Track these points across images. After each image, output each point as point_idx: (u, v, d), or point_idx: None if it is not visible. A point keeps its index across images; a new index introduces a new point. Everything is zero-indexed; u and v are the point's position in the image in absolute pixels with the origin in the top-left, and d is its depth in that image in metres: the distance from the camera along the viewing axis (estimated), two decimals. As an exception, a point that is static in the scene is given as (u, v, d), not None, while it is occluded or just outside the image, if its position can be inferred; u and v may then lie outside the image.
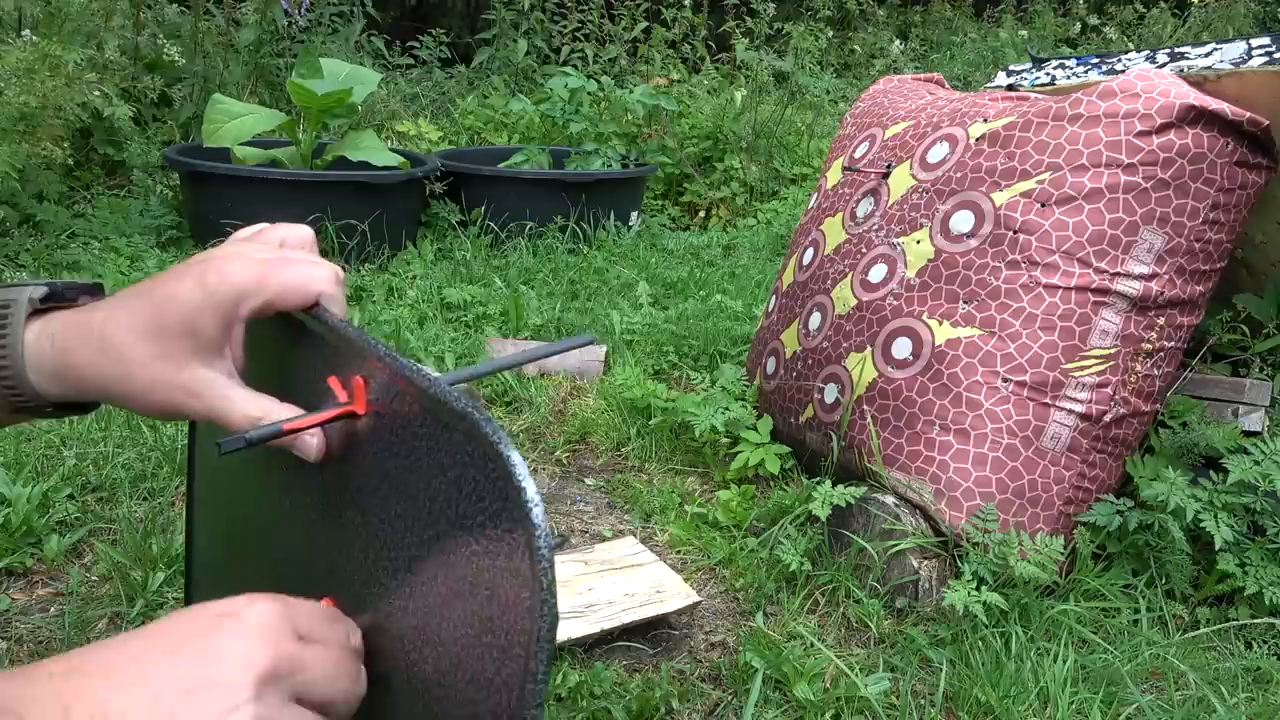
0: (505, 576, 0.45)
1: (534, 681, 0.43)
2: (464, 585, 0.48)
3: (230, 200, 2.89)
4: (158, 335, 0.58)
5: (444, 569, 0.49)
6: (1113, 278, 1.39)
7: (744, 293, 2.77)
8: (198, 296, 0.58)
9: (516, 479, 0.43)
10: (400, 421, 0.52)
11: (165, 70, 3.72)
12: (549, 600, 0.42)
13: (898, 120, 1.76)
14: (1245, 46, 1.52)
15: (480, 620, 0.46)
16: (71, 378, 0.60)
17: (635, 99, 3.77)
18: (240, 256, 0.61)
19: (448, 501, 0.48)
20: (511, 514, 0.44)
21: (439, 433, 0.49)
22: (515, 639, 0.44)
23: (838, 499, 1.43)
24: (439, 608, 0.50)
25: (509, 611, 0.44)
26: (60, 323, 0.60)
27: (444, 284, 2.71)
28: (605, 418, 1.95)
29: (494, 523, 0.45)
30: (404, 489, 0.52)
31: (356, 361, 0.57)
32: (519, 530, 0.43)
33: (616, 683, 1.20)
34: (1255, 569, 1.35)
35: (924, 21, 7.13)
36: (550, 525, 0.43)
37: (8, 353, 0.59)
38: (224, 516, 0.80)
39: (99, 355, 0.59)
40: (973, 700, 1.19)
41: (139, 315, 0.58)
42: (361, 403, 0.56)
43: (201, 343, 0.59)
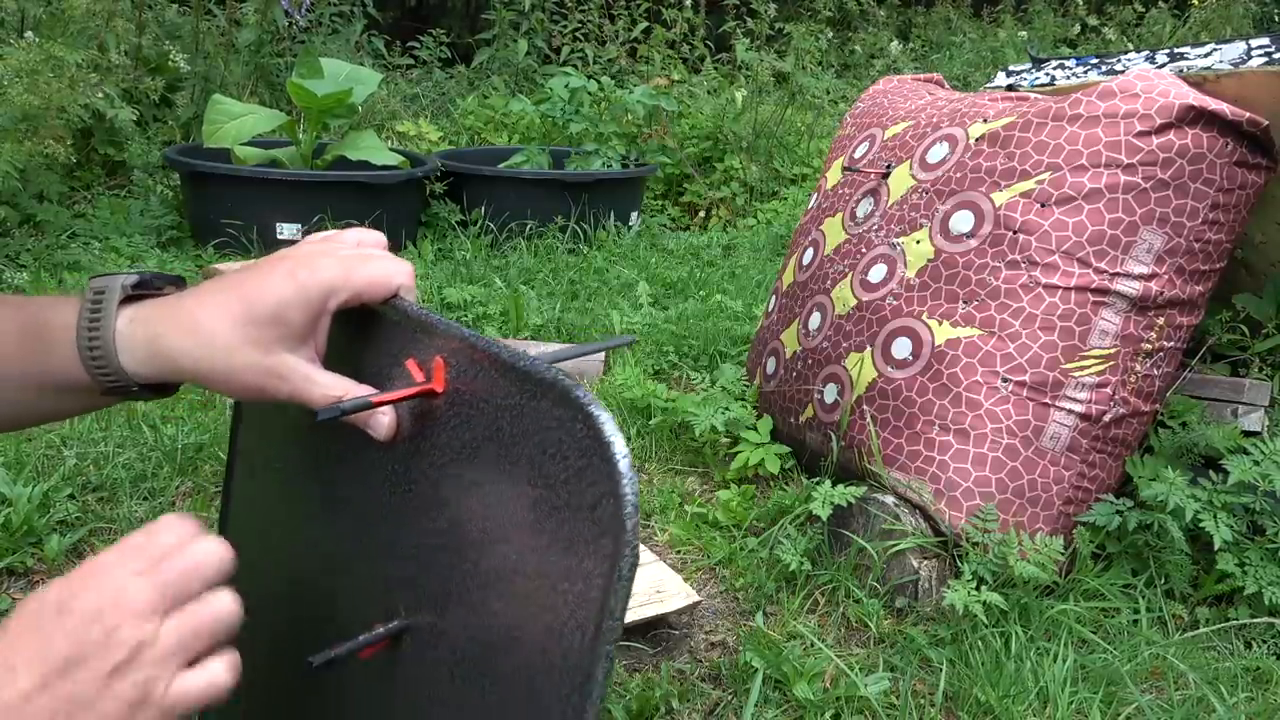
0: (586, 526, 0.48)
1: (611, 618, 0.46)
2: (542, 539, 0.51)
3: (230, 200, 2.89)
4: (249, 323, 0.62)
5: (522, 526, 0.53)
6: (1112, 278, 1.39)
7: (744, 293, 2.78)
8: (289, 289, 0.63)
9: (606, 435, 0.47)
10: (481, 396, 0.56)
11: (166, 71, 3.72)
12: (631, 543, 0.46)
13: (897, 120, 1.76)
14: (1245, 47, 1.52)
15: (558, 570, 0.50)
16: (163, 361, 0.64)
17: (635, 99, 3.77)
18: (327, 254, 0.65)
19: (530, 464, 0.52)
20: (599, 468, 0.48)
21: (525, 402, 0.53)
22: (592, 583, 0.47)
23: (838, 499, 1.43)
24: (515, 563, 0.53)
25: (588, 559, 0.48)
26: (151, 309, 0.65)
27: (444, 284, 2.71)
28: (605, 418, 1.95)
29: (579, 478, 0.49)
30: (482, 457, 0.56)
31: (436, 344, 0.61)
32: (605, 481, 0.47)
33: (616, 682, 1.20)
34: (1255, 569, 1.35)
35: (924, 22, 7.13)
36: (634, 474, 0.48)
37: (100, 336, 0.64)
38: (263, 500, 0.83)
39: (191, 339, 0.63)
40: (972, 700, 1.19)
41: (231, 304, 0.63)
42: (440, 381, 0.60)
43: (289, 331, 0.63)
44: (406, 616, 0.62)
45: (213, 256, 2.89)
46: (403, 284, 0.65)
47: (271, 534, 0.81)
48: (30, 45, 2.81)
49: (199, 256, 2.90)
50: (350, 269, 0.64)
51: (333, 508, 0.71)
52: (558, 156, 3.66)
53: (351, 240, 0.69)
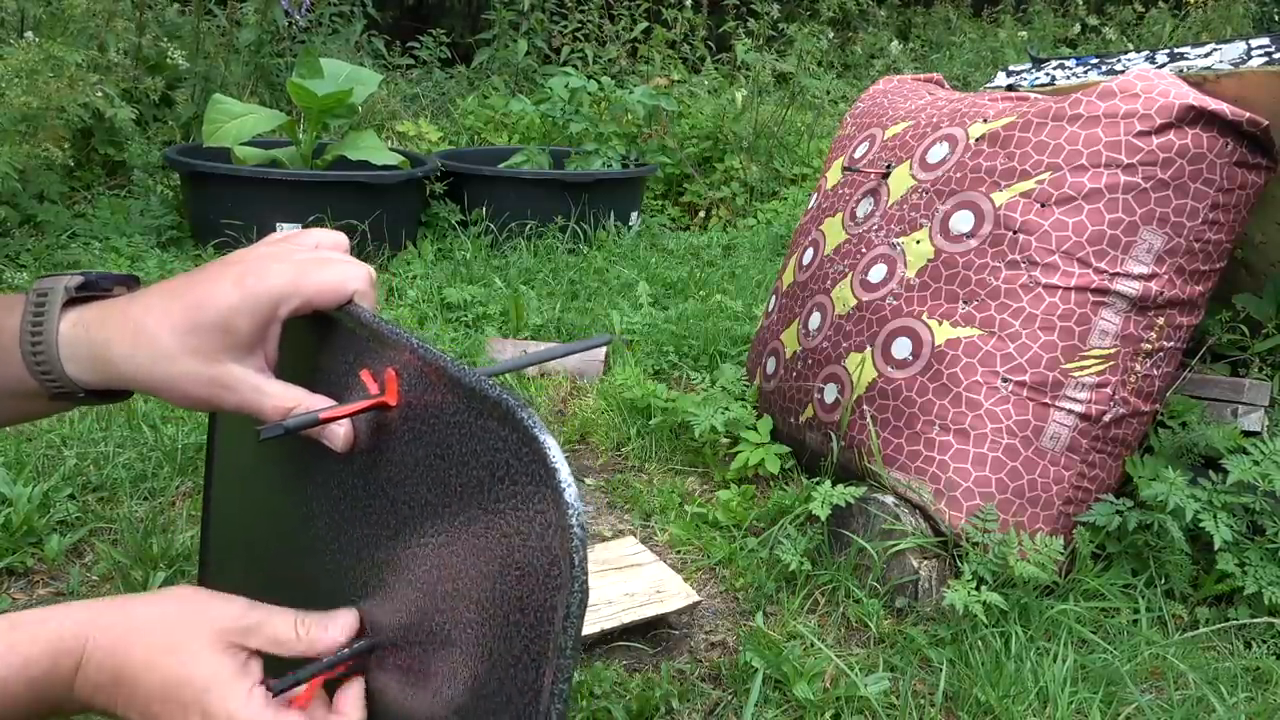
0: (537, 555, 0.46)
1: (563, 656, 0.45)
2: (494, 566, 0.49)
3: (230, 200, 2.89)
4: (193, 331, 0.60)
5: (474, 552, 0.51)
6: (1112, 278, 1.39)
7: (744, 293, 2.78)
8: (235, 297, 0.60)
9: (551, 461, 0.45)
10: (433, 411, 0.54)
11: (166, 71, 3.72)
12: (579, 577, 0.44)
13: (897, 120, 1.76)
14: (1245, 47, 1.52)
15: (510, 600, 0.48)
16: (107, 367, 0.62)
17: (635, 99, 3.77)
18: (277, 258, 0.63)
19: (479, 486, 0.50)
20: (545, 495, 0.46)
21: (472, 420, 0.51)
22: (544, 615, 0.46)
23: (838, 499, 1.43)
24: (469, 589, 0.51)
25: (540, 589, 0.46)
26: (95, 312, 0.63)
27: (444, 284, 2.71)
28: (605, 418, 1.95)
29: (527, 505, 0.47)
30: (435, 476, 0.54)
31: (388, 354, 0.59)
32: (552, 511, 0.45)
33: (616, 682, 1.20)
34: (1254, 569, 1.35)
35: (924, 22, 7.13)
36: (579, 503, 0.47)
37: (43, 340, 0.61)
38: (241, 508, 0.82)
39: (135, 347, 0.61)
40: (972, 700, 1.19)
41: (175, 311, 0.61)
42: (394, 394, 0.58)
43: (236, 340, 0.61)
44: (372, 635, 0.60)
45: (213, 256, 2.89)
46: (358, 289, 0.63)
47: (250, 542, 0.80)
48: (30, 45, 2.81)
49: (199, 256, 2.90)
50: (302, 275, 0.62)
51: (303, 519, 0.69)
52: (558, 156, 3.66)
53: (310, 242, 0.66)
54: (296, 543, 0.70)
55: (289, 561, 0.71)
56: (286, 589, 0.71)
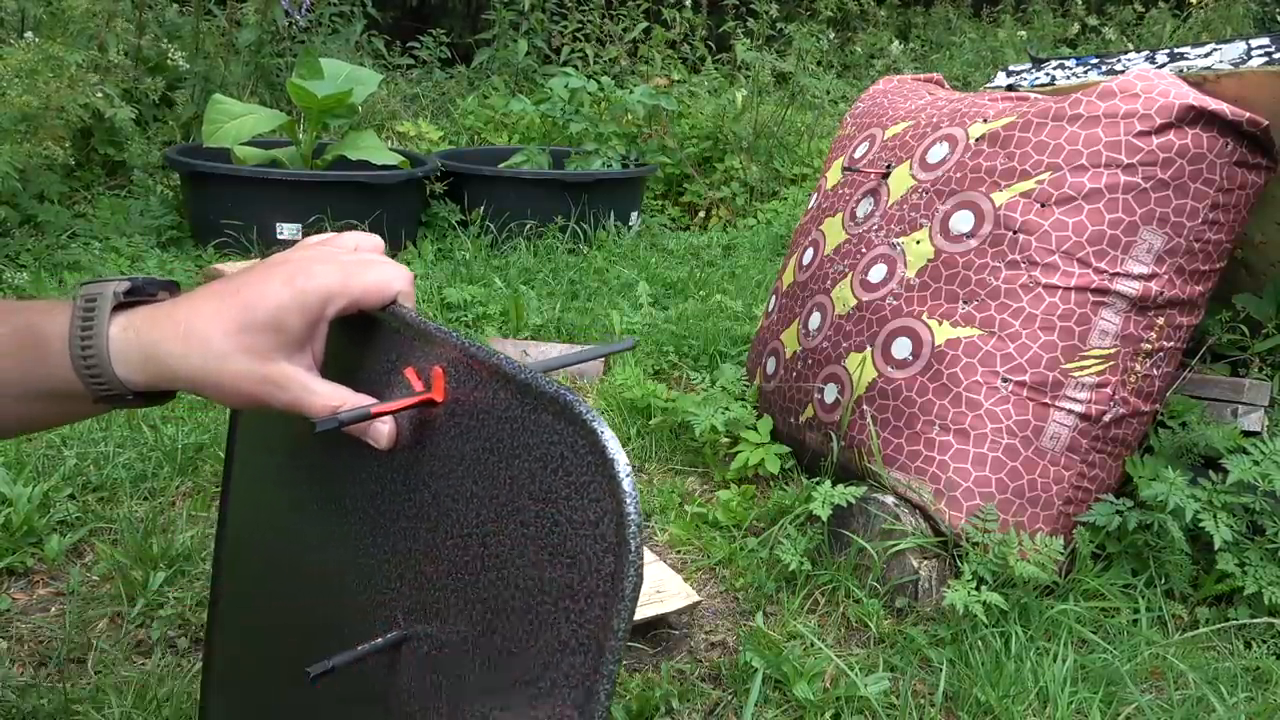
0: (589, 543, 0.47)
1: (614, 638, 0.46)
2: (543, 555, 0.50)
3: (230, 200, 2.89)
4: (245, 330, 0.62)
5: (522, 541, 0.52)
6: (1112, 278, 1.39)
7: (744, 293, 2.78)
8: (285, 296, 0.62)
9: (609, 452, 0.47)
10: (482, 407, 0.56)
11: (166, 71, 3.72)
12: (635, 562, 0.45)
13: (897, 120, 1.76)
14: (1245, 47, 1.52)
15: (559, 586, 0.49)
16: (159, 368, 0.63)
17: (635, 99, 3.77)
18: (324, 259, 0.64)
19: (531, 478, 0.51)
20: (601, 485, 0.47)
21: (525, 415, 0.52)
22: (595, 601, 0.47)
23: (838, 499, 1.43)
24: (514, 577, 0.52)
25: (590, 576, 0.47)
26: (144, 316, 0.64)
27: (444, 284, 2.71)
28: (605, 418, 1.95)
29: (580, 494, 0.48)
30: (482, 470, 0.55)
31: (434, 352, 0.60)
32: (608, 499, 0.47)
33: (616, 683, 1.20)
34: (1254, 569, 1.35)
35: (924, 22, 7.13)
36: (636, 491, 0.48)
37: (93, 344, 0.63)
38: (262, 507, 0.83)
39: (186, 348, 0.62)
40: (972, 700, 1.19)
41: (227, 311, 0.62)
42: (440, 390, 0.59)
43: (287, 339, 0.62)
44: (406, 627, 0.61)
45: (213, 256, 2.89)
46: (401, 290, 0.64)
47: (271, 542, 0.81)
48: (30, 45, 2.81)
49: (199, 256, 2.90)
50: (349, 275, 0.63)
51: (332, 516, 0.70)
52: (558, 156, 3.66)
53: (349, 244, 0.68)
54: (327, 539, 0.71)
55: (316, 557, 0.72)
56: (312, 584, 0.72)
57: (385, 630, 0.62)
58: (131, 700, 1.10)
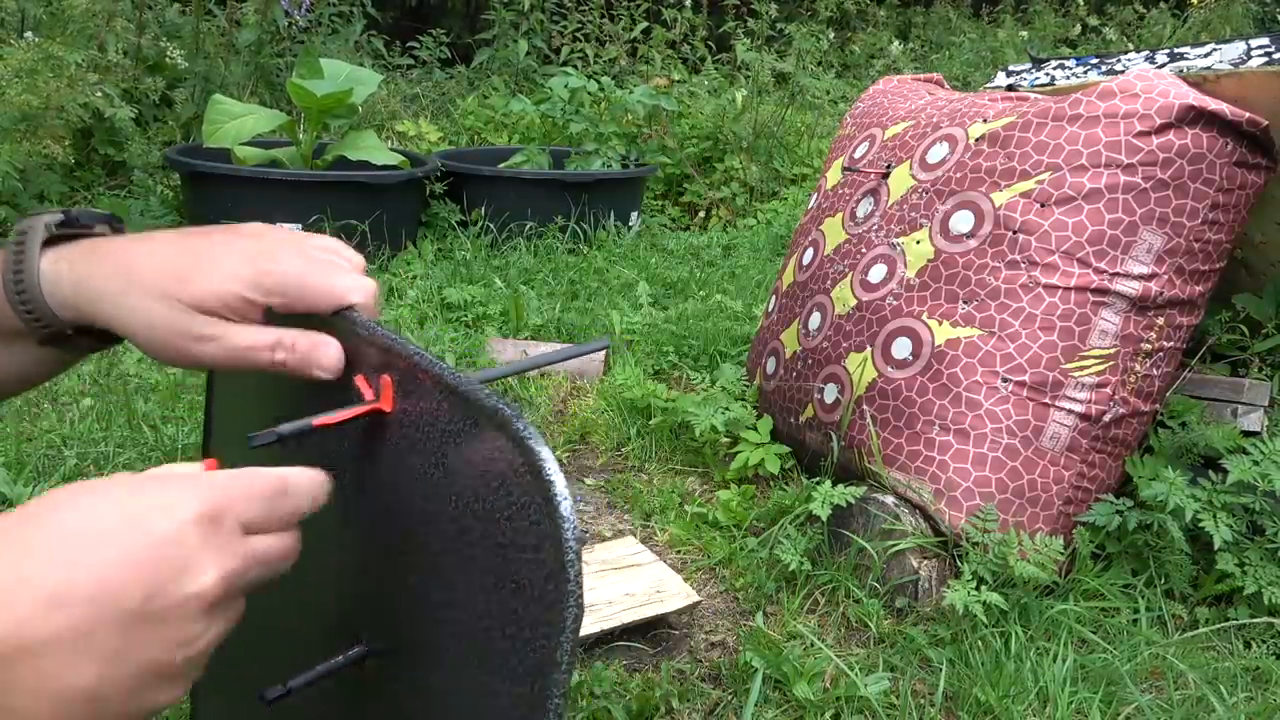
0: (531, 569, 0.45)
1: (559, 671, 0.43)
2: (489, 578, 0.48)
3: (230, 200, 2.89)
4: (184, 283, 0.59)
5: (469, 562, 0.50)
6: (1112, 278, 1.39)
7: (744, 293, 2.78)
8: (244, 275, 0.60)
9: (546, 474, 0.44)
10: (428, 419, 0.53)
11: (166, 71, 3.72)
12: (575, 592, 0.43)
13: (897, 120, 1.76)
14: (1244, 47, 1.52)
15: (505, 612, 0.47)
16: (86, 302, 0.61)
17: (635, 99, 3.77)
18: (293, 246, 0.62)
19: (475, 496, 0.49)
20: (539, 508, 0.44)
21: (467, 429, 0.50)
22: (539, 630, 0.44)
23: (838, 499, 1.43)
24: (464, 599, 0.50)
25: (535, 604, 0.45)
26: (80, 250, 0.62)
27: (444, 284, 2.71)
28: (605, 418, 1.95)
29: (521, 516, 0.46)
30: (431, 485, 0.53)
31: (384, 361, 0.58)
32: (546, 523, 0.44)
33: (616, 682, 1.20)
34: (1254, 569, 1.35)
35: (924, 22, 7.13)
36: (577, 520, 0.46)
37: (25, 277, 0.61)
38: None
39: (121, 283, 0.60)
40: (972, 700, 1.19)
41: (176, 260, 0.60)
42: (389, 400, 0.57)
43: (226, 308, 0.60)
44: (366, 644, 0.59)
45: (213, 256, 2.88)
46: (358, 302, 0.62)
47: None
48: (30, 45, 2.81)
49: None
50: (311, 272, 0.61)
51: None
52: (558, 156, 3.66)
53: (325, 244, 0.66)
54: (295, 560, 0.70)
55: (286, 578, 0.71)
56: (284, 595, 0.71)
57: (349, 646, 0.60)
58: (131, 700, 1.10)
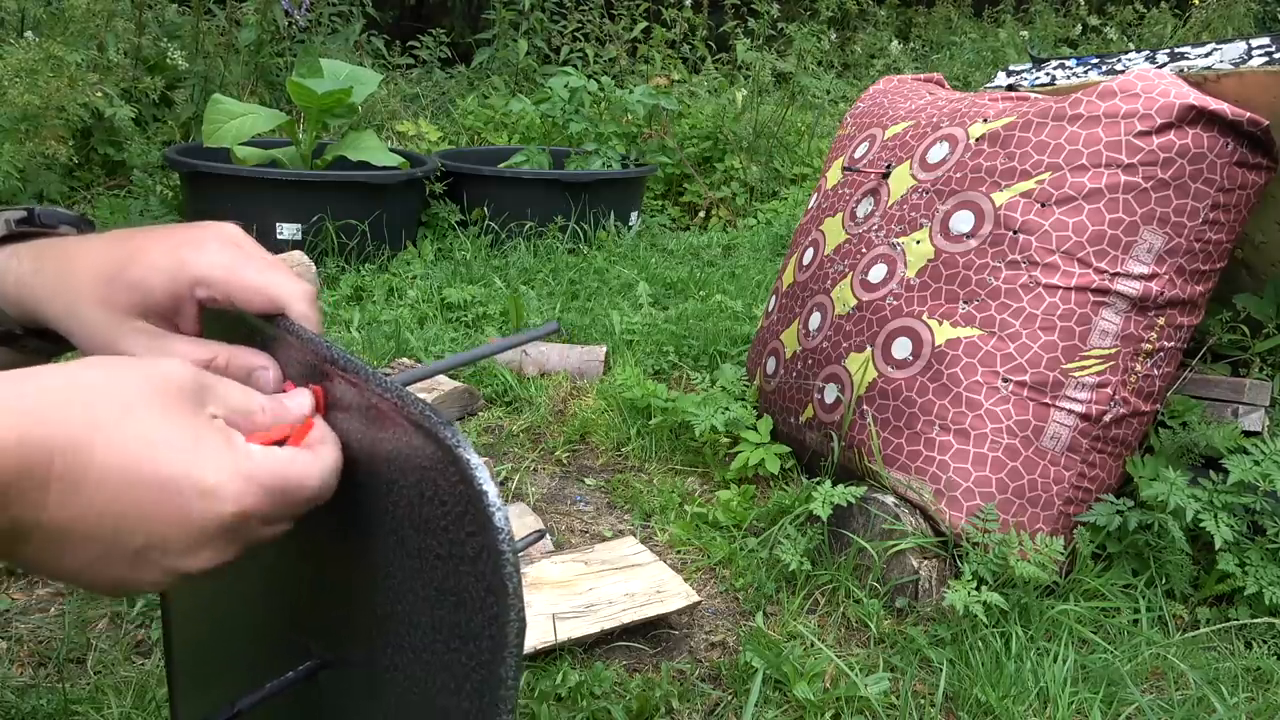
0: (471, 582, 0.43)
1: (504, 688, 0.42)
2: (431, 591, 0.46)
3: (230, 200, 2.89)
4: (112, 281, 0.59)
5: (412, 575, 0.48)
6: (1113, 278, 1.39)
7: (744, 293, 2.77)
8: (164, 262, 0.59)
9: (477, 483, 0.42)
10: (357, 429, 0.51)
11: (166, 71, 3.72)
12: (515, 605, 0.41)
13: (898, 120, 1.76)
14: (1245, 46, 1.52)
15: (449, 627, 0.45)
16: (29, 302, 0.60)
17: (635, 99, 3.77)
18: (224, 241, 0.61)
19: (411, 507, 0.47)
20: (474, 518, 0.43)
21: (399, 438, 0.48)
22: (483, 645, 0.43)
23: (838, 499, 1.43)
24: (409, 614, 0.49)
25: (476, 617, 0.43)
26: (32, 249, 0.61)
27: (444, 284, 2.71)
28: (605, 418, 1.95)
29: (457, 526, 0.44)
30: (369, 496, 0.51)
31: (313, 369, 0.55)
32: (481, 534, 0.42)
33: (616, 683, 1.20)
34: (1255, 569, 1.35)
35: (924, 22, 7.13)
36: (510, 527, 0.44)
37: None
38: None
39: (57, 284, 0.59)
40: (973, 700, 1.19)
41: (105, 258, 0.59)
42: (321, 409, 0.55)
43: (150, 303, 0.59)
44: (317, 657, 0.58)
45: (213, 256, 2.88)
46: (294, 308, 0.59)
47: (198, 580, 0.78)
48: (30, 45, 2.81)
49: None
50: (237, 268, 0.59)
51: None
52: (558, 156, 3.66)
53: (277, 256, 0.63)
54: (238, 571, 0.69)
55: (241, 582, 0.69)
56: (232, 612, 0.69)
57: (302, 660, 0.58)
58: (131, 700, 1.10)
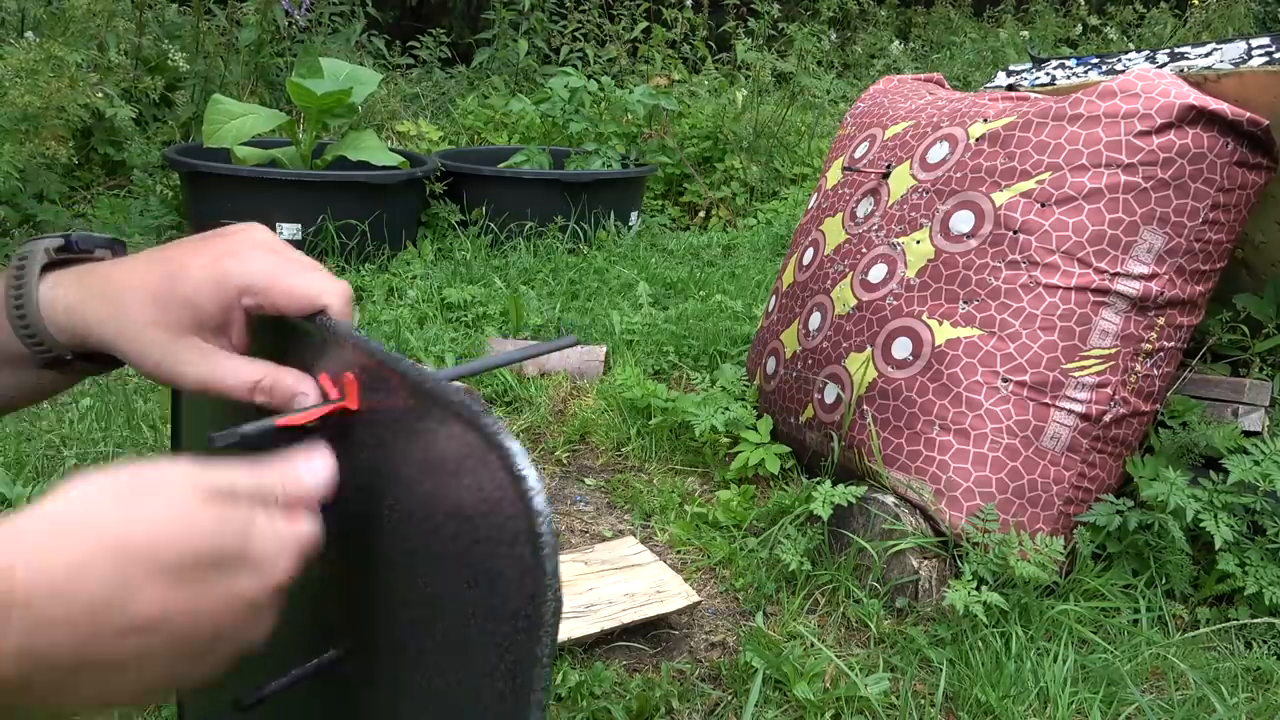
0: (508, 564, 0.45)
1: (539, 666, 0.43)
2: (464, 574, 0.48)
3: (230, 200, 2.89)
4: (162, 301, 0.60)
5: (443, 559, 0.49)
6: (1113, 278, 1.39)
7: (744, 293, 2.77)
8: (208, 275, 0.60)
9: (517, 468, 0.44)
10: (395, 417, 0.53)
11: (166, 71, 3.72)
12: (553, 585, 0.43)
13: (898, 120, 1.76)
14: (1245, 46, 1.52)
15: (483, 609, 0.46)
16: (82, 328, 0.62)
17: (635, 99, 3.77)
18: (261, 247, 0.62)
19: (446, 493, 0.49)
20: (512, 502, 0.44)
21: (436, 427, 0.49)
22: (519, 625, 0.44)
23: (838, 499, 1.43)
24: (440, 598, 0.50)
25: (512, 599, 0.45)
26: (76, 274, 0.62)
27: (444, 284, 2.71)
28: (605, 418, 1.95)
29: (495, 511, 0.45)
30: (400, 483, 0.52)
31: (348, 359, 0.57)
32: (520, 518, 0.43)
33: (616, 683, 1.20)
34: (1255, 569, 1.35)
35: (925, 22, 7.13)
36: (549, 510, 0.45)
37: (24, 302, 0.61)
38: None
39: (108, 308, 0.61)
40: (973, 700, 1.19)
41: (150, 278, 0.60)
42: (354, 398, 0.56)
43: (202, 318, 0.60)
44: (339, 646, 0.59)
45: (213, 256, 2.88)
46: (332, 305, 0.61)
47: None
48: (30, 45, 2.81)
49: (199, 256, 2.89)
50: (278, 273, 0.61)
51: None
52: (558, 156, 3.66)
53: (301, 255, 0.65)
54: None
55: None
56: None
57: (324, 649, 0.59)
58: (131, 700, 1.10)
